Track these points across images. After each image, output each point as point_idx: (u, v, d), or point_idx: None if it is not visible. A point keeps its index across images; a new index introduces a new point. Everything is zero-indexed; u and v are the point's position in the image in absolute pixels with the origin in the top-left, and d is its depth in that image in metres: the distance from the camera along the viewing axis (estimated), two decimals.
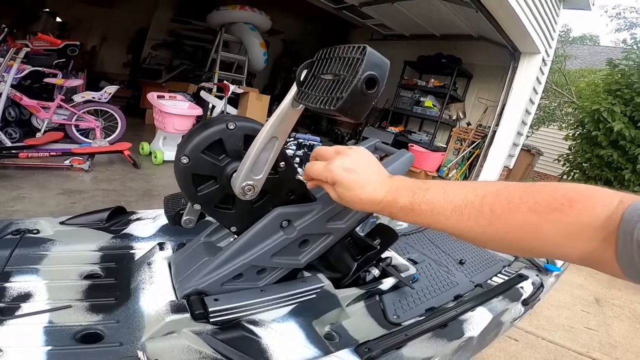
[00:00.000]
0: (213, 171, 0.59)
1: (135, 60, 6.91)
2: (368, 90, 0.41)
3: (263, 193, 0.63)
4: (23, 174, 2.52)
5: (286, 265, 0.69)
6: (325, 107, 0.42)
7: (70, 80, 3.40)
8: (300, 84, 0.50)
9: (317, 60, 0.50)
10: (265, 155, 0.56)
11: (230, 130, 0.58)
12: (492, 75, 5.75)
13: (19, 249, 0.70)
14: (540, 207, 0.40)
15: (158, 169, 3.27)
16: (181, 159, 0.56)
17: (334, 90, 0.42)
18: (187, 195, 0.61)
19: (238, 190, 0.57)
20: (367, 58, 0.41)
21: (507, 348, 1.81)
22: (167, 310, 0.57)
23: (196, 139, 0.57)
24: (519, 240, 0.42)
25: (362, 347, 0.62)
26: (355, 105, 0.42)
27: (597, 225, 0.37)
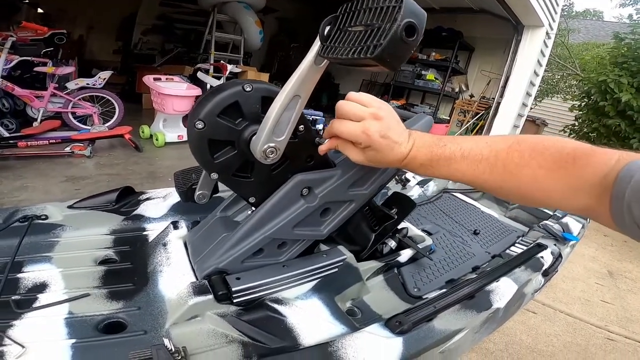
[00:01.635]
0: (230, 136, 0.56)
1: (126, 47, 6.73)
2: (408, 38, 0.39)
3: (282, 159, 0.59)
4: (24, 163, 2.49)
5: (308, 236, 0.66)
6: (361, 55, 0.40)
7: (62, 68, 3.33)
8: (325, 38, 0.47)
9: (341, 14, 0.47)
10: (288, 115, 0.53)
11: (247, 92, 0.54)
12: (495, 49, 5.69)
13: (28, 236, 0.67)
14: (548, 164, 0.44)
15: (160, 151, 3.24)
16: (196, 124, 0.52)
17: (369, 39, 0.41)
18: (202, 164, 0.57)
19: (259, 153, 0.53)
20: (405, 5, 0.39)
21: (527, 321, 1.82)
22: (189, 293, 0.54)
23: (211, 102, 0.52)
24: (529, 193, 0.47)
25: (392, 321, 0.60)
26: (394, 53, 0.40)
27: (594, 182, 0.40)
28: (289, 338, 0.55)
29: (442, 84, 5.91)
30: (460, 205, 1.66)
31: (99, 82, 3.40)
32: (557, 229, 1.27)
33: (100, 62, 6.00)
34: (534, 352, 1.62)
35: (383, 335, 0.58)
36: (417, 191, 1.65)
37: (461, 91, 6.20)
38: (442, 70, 6.02)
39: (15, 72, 3.24)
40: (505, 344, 1.62)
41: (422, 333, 0.60)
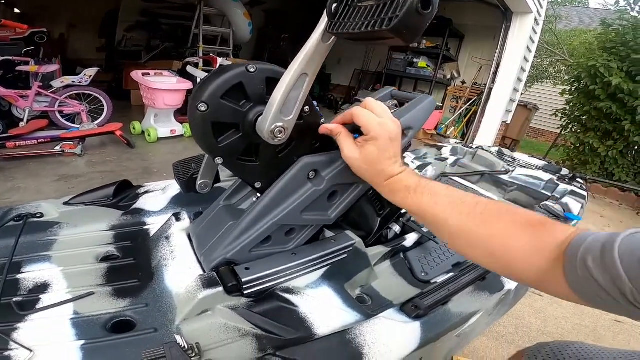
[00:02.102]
0: (235, 118, 0.53)
1: (110, 44, 6.55)
2: (424, 10, 0.39)
3: (288, 141, 0.57)
4: (14, 164, 2.44)
5: (316, 221, 0.64)
6: (375, 28, 0.40)
7: (45, 66, 3.23)
8: (332, 15, 0.46)
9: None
10: (295, 93, 0.51)
11: (251, 73, 0.52)
12: (485, 35, 5.71)
13: (24, 235, 0.64)
14: (520, 222, 0.47)
15: (153, 147, 3.19)
16: (198, 107, 0.50)
17: (383, 12, 0.40)
18: (206, 148, 0.55)
19: (267, 133, 0.51)
20: None
21: (533, 304, 1.83)
22: (197, 286, 0.52)
23: (214, 83, 0.50)
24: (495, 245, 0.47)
25: (408, 306, 0.59)
26: (410, 25, 0.39)
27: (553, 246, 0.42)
28: (303, 328, 0.53)
29: (434, 72, 5.91)
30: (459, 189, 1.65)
31: (84, 79, 3.32)
32: (558, 209, 1.27)
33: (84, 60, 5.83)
34: (544, 334, 1.63)
35: (400, 320, 0.56)
36: None
37: (453, 78, 6.21)
38: (434, 57, 6.02)
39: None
40: (515, 327, 1.63)
41: (439, 317, 0.59)
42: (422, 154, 1.85)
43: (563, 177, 1.86)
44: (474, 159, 2.02)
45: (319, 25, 0.48)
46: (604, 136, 4.75)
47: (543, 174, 1.80)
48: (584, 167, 4.95)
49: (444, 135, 5.64)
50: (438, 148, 2.03)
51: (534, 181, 1.73)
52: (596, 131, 4.81)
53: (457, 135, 5.72)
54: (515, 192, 1.68)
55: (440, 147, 2.06)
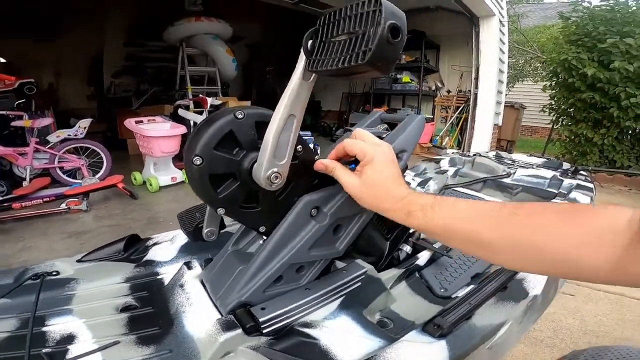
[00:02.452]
0: (231, 167, 0.54)
1: (99, 92, 6.69)
2: (394, 39, 0.40)
3: (286, 183, 0.58)
4: (22, 224, 2.48)
5: (325, 256, 0.65)
6: (352, 63, 0.41)
7: (39, 120, 3.25)
8: (310, 53, 0.47)
9: (321, 26, 0.47)
10: (286, 136, 0.51)
11: (239, 120, 0.52)
12: (459, 43, 5.90)
13: (43, 292, 0.66)
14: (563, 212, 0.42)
15: (156, 196, 3.22)
16: (193, 161, 0.50)
17: (355, 46, 0.41)
18: (207, 200, 0.55)
19: (264, 180, 0.52)
20: (384, 8, 0.39)
21: (566, 304, 1.76)
22: (217, 329, 0.53)
23: (205, 135, 0.51)
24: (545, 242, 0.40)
25: (430, 326, 0.58)
26: (383, 56, 0.40)
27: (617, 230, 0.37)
28: None
29: (419, 85, 6.06)
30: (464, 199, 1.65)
31: (80, 131, 3.35)
32: None
33: (75, 110, 5.94)
34: (587, 334, 1.57)
35: (424, 341, 0.56)
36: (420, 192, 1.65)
37: (437, 88, 6.36)
38: (415, 71, 6.20)
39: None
40: (553, 330, 1.57)
41: (464, 333, 0.59)
42: (421, 170, 1.86)
43: (565, 171, 1.87)
44: (474, 166, 2.04)
45: (298, 64, 0.48)
46: (595, 125, 4.81)
47: (545, 172, 1.81)
48: (584, 158, 4.98)
49: (440, 146, 5.70)
50: (436, 161, 2.04)
51: (538, 180, 1.74)
52: (586, 121, 4.88)
53: (453, 145, 5.79)
54: (522, 194, 1.68)
55: (438, 159, 2.08)
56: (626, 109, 4.34)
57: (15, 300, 0.65)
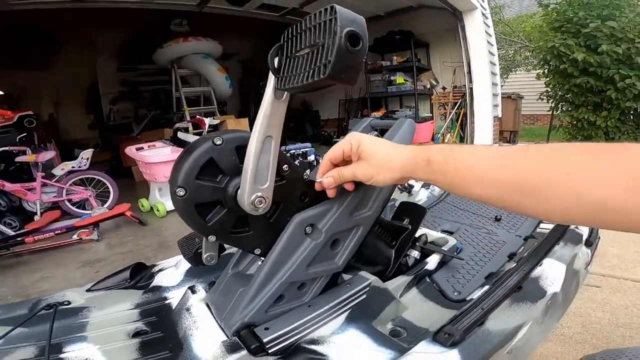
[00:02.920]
0: (215, 195, 0.53)
1: (99, 120, 6.72)
2: (354, 48, 0.38)
3: (276, 204, 0.58)
4: (38, 256, 2.53)
5: (324, 272, 0.64)
6: (315, 79, 0.38)
7: (43, 154, 3.28)
8: (277, 71, 0.46)
9: (285, 41, 0.46)
10: (265, 159, 0.50)
11: (218, 146, 0.52)
12: (447, 39, 5.88)
13: (57, 321, 0.69)
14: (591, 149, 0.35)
15: (164, 221, 3.25)
16: (177, 192, 0.50)
17: (317, 59, 0.39)
18: (196, 229, 0.55)
19: (248, 206, 0.51)
20: (339, 15, 0.37)
21: (593, 297, 1.68)
22: (222, 352, 0.53)
23: (185, 165, 0.50)
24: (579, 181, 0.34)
25: (440, 335, 0.57)
26: (345, 67, 0.38)
27: None
28: None
29: (413, 84, 6.07)
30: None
31: (83, 163, 3.37)
32: None
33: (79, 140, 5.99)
34: (619, 327, 1.48)
35: (435, 352, 0.54)
36: (425, 194, 1.63)
37: (432, 86, 6.36)
38: (408, 71, 6.21)
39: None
40: (582, 325, 1.50)
41: (478, 339, 0.57)
42: None
43: None
44: None
45: (269, 84, 0.47)
46: (595, 109, 4.77)
47: None
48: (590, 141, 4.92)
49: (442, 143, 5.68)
50: None
51: None
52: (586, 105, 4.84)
53: (456, 141, 5.76)
54: None
55: None
56: (623, 90, 4.30)
57: (30, 329, 0.68)
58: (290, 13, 5.65)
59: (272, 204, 0.54)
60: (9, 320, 0.69)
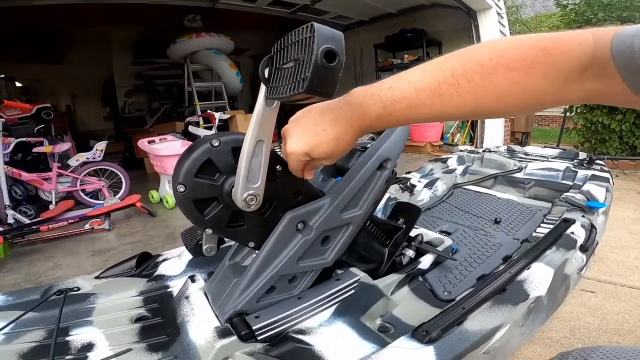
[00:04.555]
0: (212, 192, 0.58)
1: (114, 112, 6.87)
2: (329, 64, 0.40)
3: (270, 201, 0.62)
4: (51, 245, 2.62)
5: (314, 266, 0.68)
6: (294, 92, 0.41)
7: (59, 145, 3.38)
8: (267, 80, 0.49)
9: (274, 53, 0.49)
10: (257, 161, 0.54)
11: (215, 148, 0.56)
12: (459, 38, 5.78)
13: (66, 306, 0.73)
14: (517, 64, 0.38)
15: (173, 213, 3.31)
16: (177, 189, 0.55)
17: (298, 74, 0.42)
18: (195, 223, 0.60)
19: (241, 203, 0.55)
20: (317, 34, 0.40)
21: (586, 302, 1.67)
22: (214, 337, 0.57)
23: (186, 164, 0.55)
24: (516, 99, 0.40)
25: (419, 331, 0.59)
26: (321, 81, 0.40)
27: (582, 65, 0.36)
28: None
29: None
30: (474, 197, 1.64)
31: (97, 154, 3.45)
32: (579, 199, 1.23)
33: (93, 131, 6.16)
34: (607, 332, 1.48)
35: (411, 347, 0.57)
36: (427, 194, 1.64)
37: None
38: None
39: (16, 155, 3.29)
40: (570, 329, 1.49)
41: (455, 338, 0.59)
42: (428, 171, 1.84)
43: (581, 162, 1.82)
44: (483, 163, 2.00)
45: (260, 92, 0.50)
46: (610, 112, 4.64)
47: (558, 164, 1.76)
48: (603, 145, 4.79)
49: (451, 144, 5.62)
50: (443, 161, 2.02)
51: (551, 173, 1.70)
52: (601, 108, 4.71)
53: (465, 141, 5.69)
54: (534, 188, 1.65)
55: (445, 159, 2.06)
56: None
57: (41, 313, 0.73)
58: (302, 10, 5.64)
59: (266, 200, 0.58)
60: (22, 305, 0.74)
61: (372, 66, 6.53)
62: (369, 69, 6.67)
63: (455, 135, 5.75)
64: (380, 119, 0.47)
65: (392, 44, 6.31)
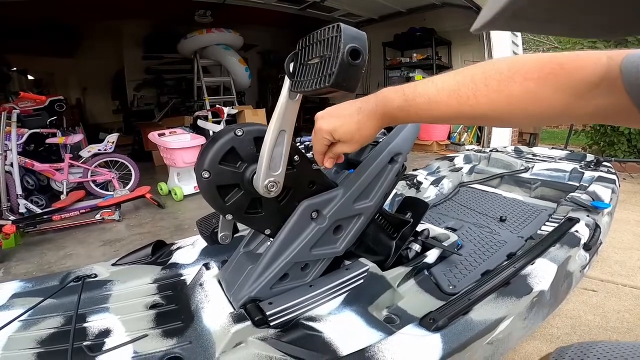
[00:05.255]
0: (235, 179, 0.61)
1: (124, 105, 6.94)
2: (354, 61, 0.44)
3: (286, 190, 0.64)
4: (62, 234, 2.67)
5: (326, 255, 0.70)
6: (320, 86, 0.45)
7: (72, 137, 3.43)
8: (291, 75, 0.52)
9: (299, 50, 0.52)
10: (279, 149, 0.57)
11: (239, 137, 0.59)
12: (470, 38, 5.71)
13: (84, 293, 0.76)
14: (534, 74, 0.42)
15: (181, 205, 3.35)
16: (202, 175, 0.58)
17: (324, 69, 0.45)
18: (216, 208, 0.62)
19: (262, 189, 0.58)
20: (343, 33, 0.43)
21: (588, 300, 1.69)
22: (229, 322, 0.59)
23: (211, 152, 0.58)
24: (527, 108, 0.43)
25: (426, 320, 0.62)
26: (346, 77, 0.44)
27: (594, 82, 0.38)
28: (329, 351, 0.57)
29: None
30: (480, 196, 1.65)
31: (109, 146, 3.50)
32: (585, 199, 1.25)
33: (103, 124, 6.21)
34: (607, 330, 1.50)
35: (419, 334, 0.59)
36: (433, 191, 1.65)
37: None
38: (428, 68, 6.10)
39: (29, 146, 3.36)
40: (571, 326, 1.51)
41: (460, 327, 0.61)
42: (434, 169, 1.85)
43: (588, 163, 1.82)
44: (490, 162, 2.01)
45: (284, 85, 0.53)
46: None
47: (566, 165, 1.77)
48: (612, 147, 4.75)
49: (458, 143, 5.60)
50: (450, 159, 2.03)
51: (557, 174, 1.71)
52: None
53: (472, 141, 5.66)
54: (540, 189, 1.66)
55: (452, 157, 2.07)
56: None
57: (60, 300, 0.75)
58: (311, 7, 5.63)
59: (282, 189, 0.61)
60: (41, 292, 0.76)
61: (380, 64, 6.50)
62: (377, 67, 6.65)
63: (462, 134, 5.72)
64: (401, 109, 0.51)
65: (401, 42, 6.27)
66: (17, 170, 2.93)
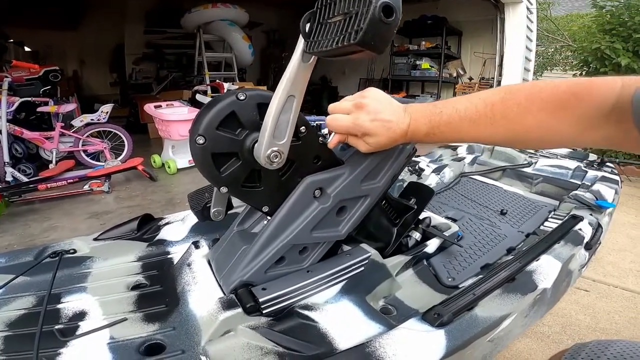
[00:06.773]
0: (233, 147, 0.55)
1: (121, 78, 6.86)
2: (387, 18, 0.40)
3: (289, 164, 0.59)
4: (48, 205, 2.59)
5: (327, 238, 0.65)
6: (345, 43, 0.41)
7: (64, 106, 3.36)
8: (307, 35, 0.48)
9: (318, 8, 0.48)
10: (285, 116, 0.52)
11: (241, 101, 0.53)
12: (482, 29, 5.67)
13: (60, 270, 0.70)
14: (548, 106, 0.44)
15: (174, 178, 3.30)
16: (196, 140, 0.51)
17: (349, 26, 0.41)
18: (210, 179, 0.56)
19: (264, 159, 0.52)
20: None
21: (579, 300, 1.71)
22: (218, 308, 0.54)
23: (208, 115, 0.52)
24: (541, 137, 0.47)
25: (430, 314, 0.58)
26: (376, 35, 0.40)
27: (605, 111, 0.40)
28: (324, 344, 0.53)
29: (439, 71, 5.88)
30: (481, 187, 1.62)
31: (102, 116, 3.45)
32: (589, 197, 1.22)
33: (99, 96, 6.13)
34: (596, 330, 1.52)
35: (422, 330, 0.55)
36: (434, 179, 1.62)
37: (459, 75, 6.16)
38: (436, 57, 6.00)
39: (20, 114, 3.28)
40: (562, 326, 1.53)
41: (465, 323, 0.58)
42: (437, 156, 1.82)
43: (591, 163, 1.80)
44: (493, 154, 1.98)
45: (298, 46, 0.49)
46: None
47: (569, 162, 1.74)
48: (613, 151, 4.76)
49: None
50: (453, 148, 2.00)
51: (560, 171, 1.68)
52: None
53: None
54: (542, 184, 1.63)
55: (455, 147, 2.03)
56: None
57: (34, 277, 0.69)
58: None
59: (286, 162, 0.56)
60: (14, 268, 0.69)
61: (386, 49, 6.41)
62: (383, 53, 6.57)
63: None
64: (427, 136, 0.56)
65: (410, 29, 6.13)
66: (5, 137, 2.85)
